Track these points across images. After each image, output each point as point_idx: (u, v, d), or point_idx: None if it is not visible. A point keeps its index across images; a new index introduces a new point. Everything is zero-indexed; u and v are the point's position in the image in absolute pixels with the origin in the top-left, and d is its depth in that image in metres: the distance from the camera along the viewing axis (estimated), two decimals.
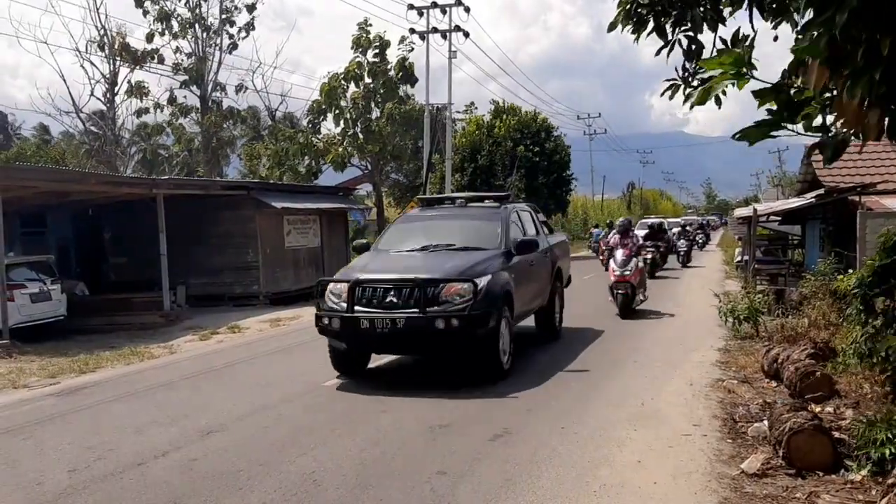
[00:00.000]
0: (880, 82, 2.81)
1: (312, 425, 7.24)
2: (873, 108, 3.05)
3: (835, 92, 3.33)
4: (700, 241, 40.97)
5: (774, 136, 3.80)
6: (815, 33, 2.98)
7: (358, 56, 29.71)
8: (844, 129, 3.51)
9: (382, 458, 6.09)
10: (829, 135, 3.69)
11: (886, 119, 3.11)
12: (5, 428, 7.73)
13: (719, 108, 4.37)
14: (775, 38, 5.01)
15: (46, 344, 14.02)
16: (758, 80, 3.54)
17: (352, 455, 6.19)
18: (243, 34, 36.30)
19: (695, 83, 4.97)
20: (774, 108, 3.60)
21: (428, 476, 5.60)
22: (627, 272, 14.27)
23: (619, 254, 14.65)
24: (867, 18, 2.73)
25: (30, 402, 9.06)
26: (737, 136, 3.80)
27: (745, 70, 3.42)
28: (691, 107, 3.90)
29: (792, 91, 3.64)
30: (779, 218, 21.88)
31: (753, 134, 3.71)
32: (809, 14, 3.27)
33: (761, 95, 3.55)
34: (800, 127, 3.74)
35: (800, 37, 3.57)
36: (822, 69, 3.08)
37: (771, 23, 4.74)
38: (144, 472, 5.96)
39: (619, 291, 14.23)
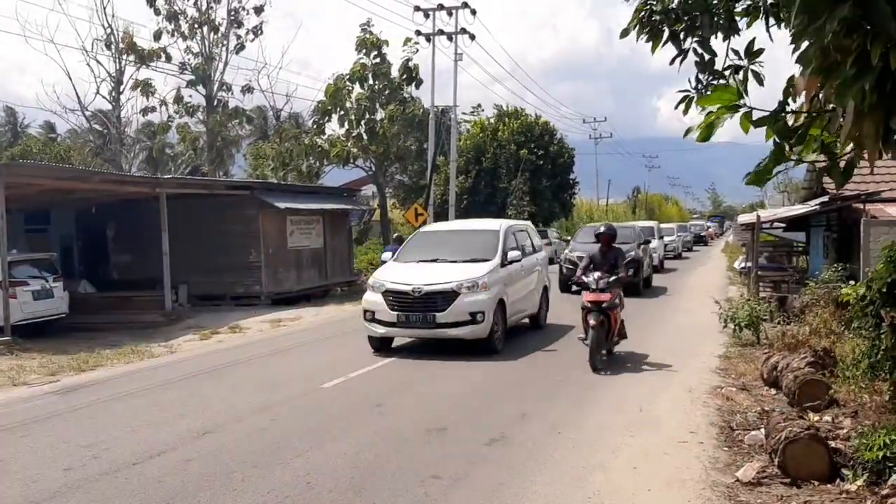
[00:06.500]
0: (871, 91, 2.79)
1: (308, 427, 7.24)
2: (867, 118, 3.03)
3: (830, 106, 3.31)
4: None
5: (779, 172, 3.82)
6: (807, 42, 2.97)
7: (362, 58, 29.71)
8: (845, 147, 3.49)
9: (377, 461, 6.09)
10: (835, 158, 3.68)
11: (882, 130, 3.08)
12: (3, 425, 7.76)
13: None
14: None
15: (48, 341, 14.06)
16: (757, 109, 3.56)
17: (346, 458, 6.19)
18: (251, 36, 36.27)
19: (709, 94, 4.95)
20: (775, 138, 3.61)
21: (422, 479, 5.60)
22: None
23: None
24: (857, 27, 2.72)
25: (29, 400, 9.09)
26: (746, 181, 3.87)
27: (741, 103, 3.46)
28: (694, 138, 3.86)
29: (789, 117, 3.64)
30: (783, 224, 21.82)
31: (761, 176, 3.77)
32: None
33: (760, 124, 3.56)
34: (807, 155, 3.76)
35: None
36: (812, 79, 3.07)
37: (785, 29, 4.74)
38: (139, 472, 5.97)
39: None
